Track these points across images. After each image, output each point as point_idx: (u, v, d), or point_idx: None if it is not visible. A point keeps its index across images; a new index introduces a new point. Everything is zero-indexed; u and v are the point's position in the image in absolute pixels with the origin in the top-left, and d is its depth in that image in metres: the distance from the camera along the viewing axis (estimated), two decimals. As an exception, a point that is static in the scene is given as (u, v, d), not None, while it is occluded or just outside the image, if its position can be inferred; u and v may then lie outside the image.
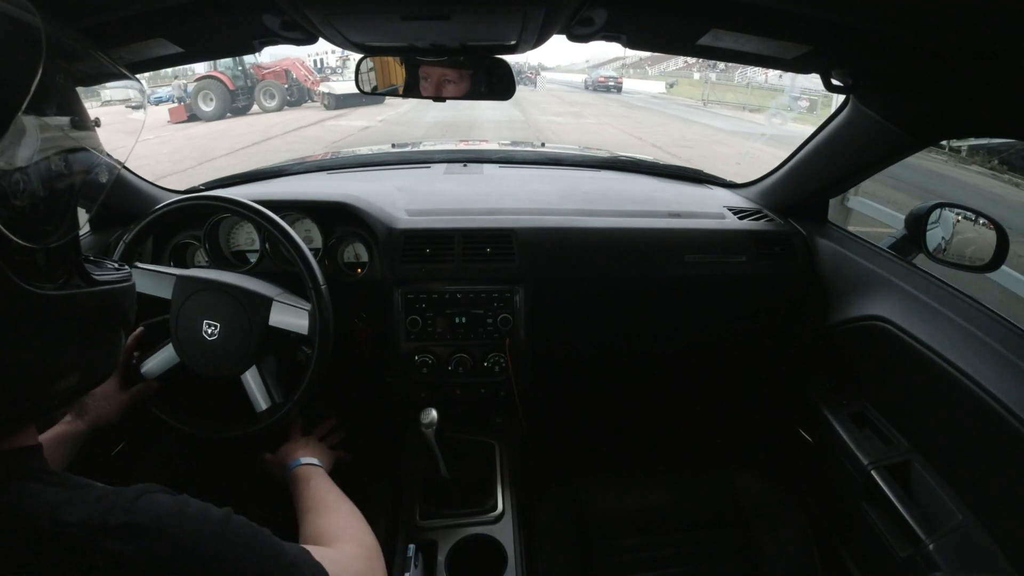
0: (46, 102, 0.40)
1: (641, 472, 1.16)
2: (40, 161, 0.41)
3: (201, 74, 14.20)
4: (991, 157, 6.24)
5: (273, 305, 0.93)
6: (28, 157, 0.39)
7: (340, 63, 19.31)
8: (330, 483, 0.87)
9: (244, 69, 14.71)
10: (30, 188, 0.40)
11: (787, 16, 0.72)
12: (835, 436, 1.06)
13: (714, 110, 18.67)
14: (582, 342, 1.36)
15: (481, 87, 0.95)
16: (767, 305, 1.31)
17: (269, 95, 15.30)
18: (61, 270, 0.44)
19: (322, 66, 19.05)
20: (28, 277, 0.40)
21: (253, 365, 0.94)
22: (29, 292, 0.40)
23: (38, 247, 0.40)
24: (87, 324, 0.46)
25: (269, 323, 0.93)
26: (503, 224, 1.21)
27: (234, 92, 14.28)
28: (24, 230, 0.38)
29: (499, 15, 0.72)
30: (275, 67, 15.51)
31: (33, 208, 0.40)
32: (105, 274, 0.49)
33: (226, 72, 14.11)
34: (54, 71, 0.41)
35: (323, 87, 16.19)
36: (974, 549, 0.81)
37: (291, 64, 15.76)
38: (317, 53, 17.96)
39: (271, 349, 0.97)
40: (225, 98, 14.05)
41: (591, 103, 19.34)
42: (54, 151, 0.42)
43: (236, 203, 0.98)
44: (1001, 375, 0.80)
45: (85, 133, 0.46)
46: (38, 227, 0.40)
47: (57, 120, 0.43)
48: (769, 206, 1.38)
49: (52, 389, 0.44)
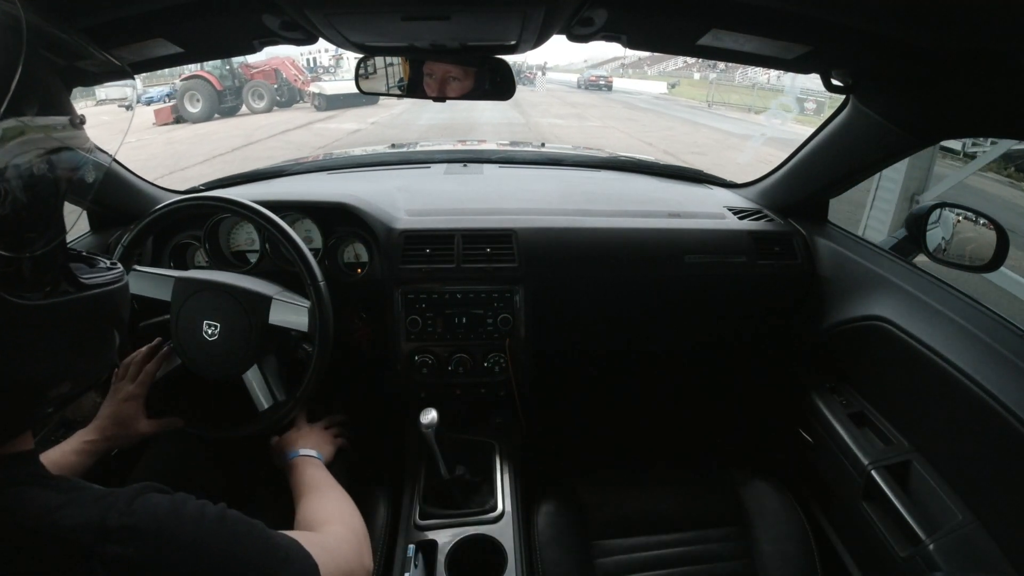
0: (28, 99, 0.37)
1: (641, 472, 1.16)
2: (22, 165, 0.38)
3: (187, 74, 13.51)
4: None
5: (272, 303, 0.93)
6: (9, 161, 0.37)
7: (333, 62, 18.66)
8: (324, 472, 0.89)
9: (232, 68, 14.11)
10: (12, 194, 0.37)
11: (787, 16, 0.72)
12: (835, 436, 1.06)
13: (719, 112, 17.92)
14: (582, 342, 1.36)
15: (481, 87, 0.95)
16: (767, 305, 1.31)
17: (257, 96, 14.71)
18: (48, 277, 0.42)
19: (314, 65, 18.43)
20: (12, 288, 0.38)
21: (255, 364, 0.94)
22: (15, 304, 0.38)
23: (22, 256, 0.38)
24: (78, 331, 0.45)
25: (269, 322, 0.92)
26: (503, 224, 1.21)
27: (222, 92, 13.70)
28: (8, 239, 0.37)
29: (499, 15, 0.72)
30: (264, 66, 14.86)
31: (15, 215, 0.37)
32: (96, 276, 0.47)
33: (213, 71, 13.50)
34: (37, 65, 0.38)
35: (313, 87, 15.58)
36: (974, 549, 0.81)
37: (280, 63, 15.12)
38: (310, 52, 17.34)
39: (272, 348, 0.97)
40: (212, 99, 13.47)
41: (594, 104, 18.71)
42: (37, 153, 0.40)
43: (235, 203, 0.98)
44: (1001, 375, 0.80)
45: (70, 132, 0.43)
46: (21, 235, 0.38)
47: (40, 120, 0.40)
48: (769, 206, 1.38)
49: (44, 397, 0.44)
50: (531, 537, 0.99)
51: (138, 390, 0.90)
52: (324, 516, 0.75)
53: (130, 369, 0.92)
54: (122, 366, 0.93)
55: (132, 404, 0.88)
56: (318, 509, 0.77)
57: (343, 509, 0.78)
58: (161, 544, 0.42)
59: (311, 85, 15.72)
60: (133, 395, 0.89)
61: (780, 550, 1.01)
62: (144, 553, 0.41)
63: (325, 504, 0.79)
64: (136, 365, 0.93)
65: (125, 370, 0.92)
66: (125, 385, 0.90)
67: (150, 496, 0.45)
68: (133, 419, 0.88)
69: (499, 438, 1.16)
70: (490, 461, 1.11)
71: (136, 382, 0.91)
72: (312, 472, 0.87)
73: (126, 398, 0.89)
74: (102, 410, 0.88)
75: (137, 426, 0.89)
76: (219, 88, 13.60)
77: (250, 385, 0.95)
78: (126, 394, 0.89)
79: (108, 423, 0.86)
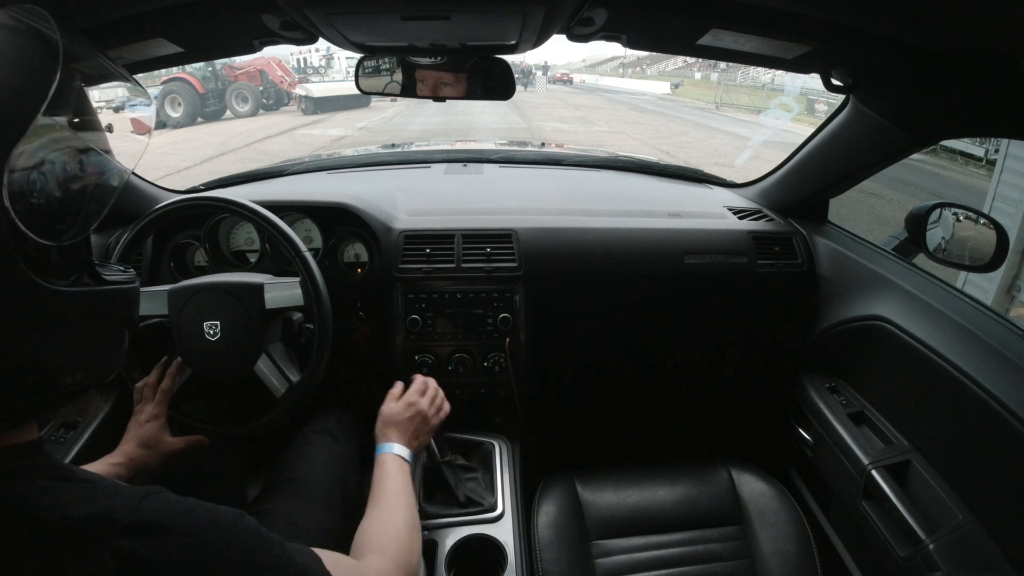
0: (62, 107, 0.42)
1: (641, 472, 1.16)
2: (56, 162, 0.43)
3: (167, 76, 12.42)
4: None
5: (265, 288, 0.93)
6: (45, 158, 0.42)
7: (324, 62, 17.58)
8: (406, 480, 0.80)
9: (215, 70, 13.02)
10: (46, 187, 0.42)
11: (787, 16, 0.72)
12: (835, 436, 1.06)
13: (727, 113, 16.82)
14: (583, 342, 1.36)
15: (480, 87, 0.95)
16: (767, 305, 1.31)
17: (241, 99, 13.54)
18: (73, 268, 0.46)
19: (304, 66, 17.37)
20: (42, 273, 0.41)
21: (263, 354, 0.94)
22: (43, 287, 0.41)
23: (53, 244, 0.42)
24: (95, 321, 0.48)
25: (266, 307, 0.92)
26: (503, 224, 1.21)
27: (204, 95, 12.64)
28: (40, 227, 0.40)
29: (499, 15, 0.72)
30: (248, 67, 13.65)
31: (48, 206, 0.42)
32: (113, 275, 0.50)
33: (195, 73, 12.55)
34: (70, 78, 0.43)
35: (299, 89, 14.36)
36: (974, 549, 0.81)
37: (266, 64, 13.78)
38: (300, 51, 15.97)
39: (276, 335, 0.97)
40: (195, 102, 12.43)
41: (598, 106, 17.98)
42: (68, 152, 0.44)
43: (234, 203, 0.98)
44: (1001, 375, 0.80)
45: (97, 135, 0.48)
46: (53, 225, 0.42)
47: (71, 123, 0.45)
48: (769, 206, 1.38)
49: (58, 383, 0.45)
50: (531, 537, 0.99)
51: (158, 409, 0.90)
52: (379, 543, 0.68)
53: (145, 391, 0.92)
54: (136, 391, 0.93)
55: (154, 425, 0.89)
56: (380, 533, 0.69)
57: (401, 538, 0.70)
58: (170, 543, 0.42)
59: (297, 87, 14.56)
60: (154, 415, 0.90)
61: (780, 550, 1.01)
62: (152, 550, 0.41)
63: (388, 529, 0.70)
64: (151, 387, 0.93)
65: (140, 394, 0.92)
66: (144, 407, 0.90)
67: (162, 495, 0.46)
68: (158, 439, 0.88)
69: (499, 438, 1.16)
70: (490, 461, 1.11)
71: (155, 402, 0.91)
72: (394, 480, 0.79)
73: (148, 419, 0.89)
74: (126, 435, 0.88)
75: (162, 446, 0.89)
76: (201, 91, 12.62)
77: (263, 375, 0.94)
78: (147, 415, 0.89)
79: (133, 446, 0.86)
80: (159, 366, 0.96)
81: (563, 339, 1.31)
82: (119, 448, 0.87)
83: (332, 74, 17.43)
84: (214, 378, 0.95)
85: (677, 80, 28.26)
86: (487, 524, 0.97)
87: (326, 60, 17.62)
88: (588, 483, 1.11)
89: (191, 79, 12.53)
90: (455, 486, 1.01)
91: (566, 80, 33.08)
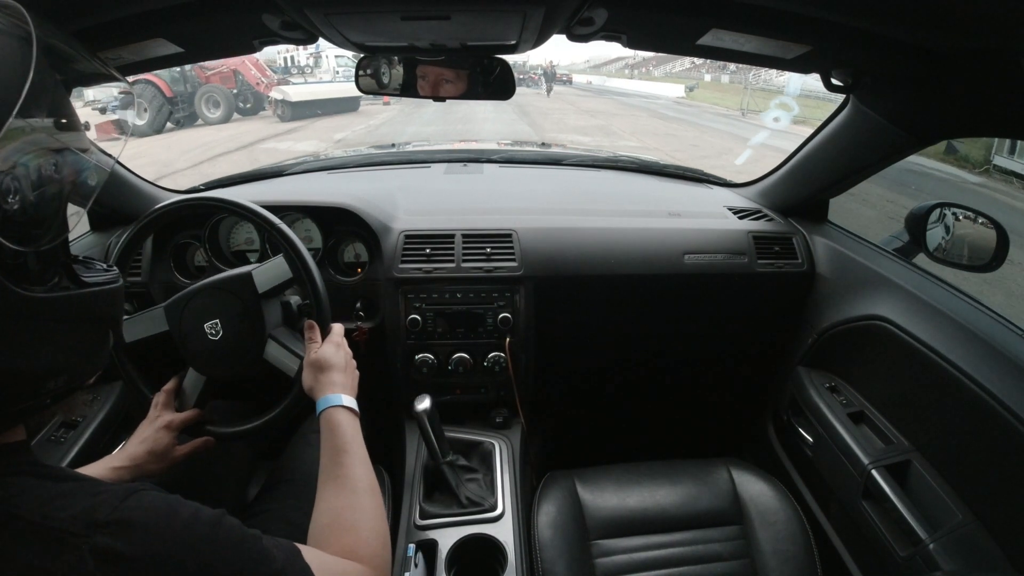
0: (37, 106, 0.41)
1: (642, 472, 1.16)
2: (30, 165, 0.41)
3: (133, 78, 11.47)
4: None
5: (253, 274, 0.92)
6: (18, 161, 0.40)
7: (312, 60, 15.82)
8: (366, 452, 0.75)
9: (183, 71, 11.52)
10: (20, 192, 0.40)
11: (787, 16, 0.73)
12: (835, 435, 1.06)
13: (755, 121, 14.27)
14: (583, 341, 1.36)
15: (480, 85, 0.95)
16: (767, 304, 1.31)
17: (212, 103, 11.83)
18: (51, 272, 0.45)
19: (289, 64, 15.64)
20: (18, 280, 0.40)
21: (269, 339, 0.92)
22: (19, 295, 0.40)
23: (28, 250, 0.41)
24: (75, 325, 0.47)
25: (259, 292, 0.91)
26: (503, 224, 1.21)
27: (172, 99, 11.19)
28: (15, 234, 0.39)
29: (499, 15, 0.72)
30: (221, 67, 11.89)
31: (23, 212, 0.40)
32: (93, 276, 0.49)
33: (163, 75, 10.98)
34: (45, 75, 0.41)
35: (275, 92, 12.34)
36: (974, 549, 0.81)
37: (240, 63, 11.92)
38: (287, 50, 14.50)
39: (277, 319, 0.96)
40: (161, 107, 10.96)
41: (615, 112, 15.75)
42: (44, 155, 0.43)
43: (234, 203, 0.97)
44: (1001, 375, 0.80)
45: (74, 135, 0.46)
46: (28, 231, 0.41)
47: (47, 123, 0.43)
48: (769, 206, 1.38)
49: (41, 389, 0.45)
50: (531, 537, 0.99)
51: (179, 420, 0.88)
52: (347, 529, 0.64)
53: (164, 399, 0.89)
54: (155, 400, 0.90)
55: (167, 433, 0.86)
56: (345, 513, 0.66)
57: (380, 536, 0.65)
58: (150, 540, 0.42)
59: (273, 90, 12.50)
60: (174, 426, 0.87)
61: (780, 550, 1.01)
62: (133, 547, 0.41)
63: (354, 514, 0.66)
64: (169, 394, 0.90)
65: (158, 399, 0.89)
66: (166, 413, 0.87)
67: (145, 493, 0.45)
68: (168, 448, 0.86)
69: (499, 437, 1.16)
70: (490, 461, 1.11)
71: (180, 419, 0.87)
72: (356, 450, 0.73)
73: (166, 426, 0.86)
74: (134, 438, 0.85)
75: (170, 455, 0.86)
76: (169, 94, 11.13)
77: (274, 359, 0.92)
78: (166, 423, 0.86)
79: (141, 451, 0.83)
80: (178, 376, 0.94)
81: (563, 339, 1.32)
82: (124, 451, 0.84)
83: (319, 74, 15.81)
84: (229, 378, 0.94)
85: (691, 83, 27.59)
86: (487, 524, 0.97)
87: (314, 59, 15.93)
88: (588, 483, 1.11)
89: (158, 81, 10.97)
90: (456, 487, 1.01)
91: (565, 80, 32.92)
